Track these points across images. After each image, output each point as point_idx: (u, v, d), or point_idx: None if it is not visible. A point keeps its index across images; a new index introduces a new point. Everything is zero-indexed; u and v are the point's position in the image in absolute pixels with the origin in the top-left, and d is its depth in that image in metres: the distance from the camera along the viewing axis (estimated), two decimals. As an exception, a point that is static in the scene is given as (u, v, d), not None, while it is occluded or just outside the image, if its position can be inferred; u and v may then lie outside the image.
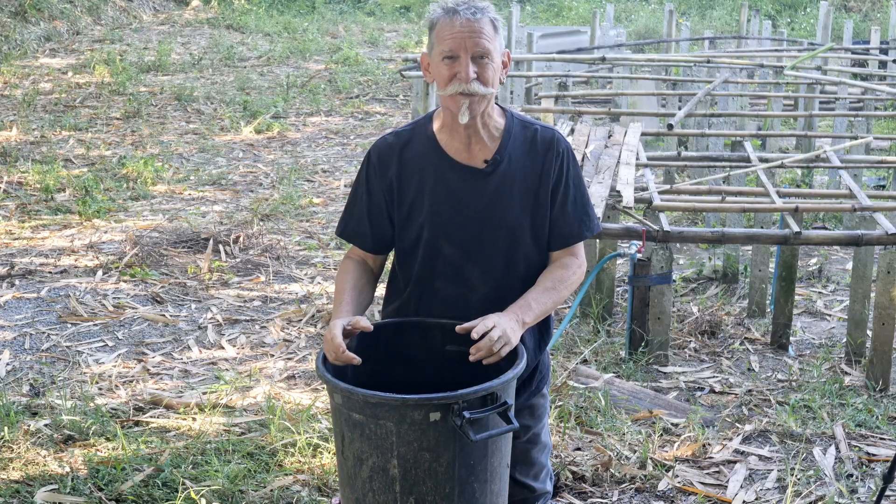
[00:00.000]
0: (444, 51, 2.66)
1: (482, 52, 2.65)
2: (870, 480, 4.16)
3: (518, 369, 2.56)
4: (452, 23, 2.65)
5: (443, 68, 2.67)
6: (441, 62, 2.67)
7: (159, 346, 5.64)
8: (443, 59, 2.67)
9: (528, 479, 3.02)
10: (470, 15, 2.64)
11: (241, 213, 8.27)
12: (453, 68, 2.66)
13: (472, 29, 2.64)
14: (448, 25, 2.65)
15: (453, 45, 2.65)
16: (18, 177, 8.96)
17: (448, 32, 2.65)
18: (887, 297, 5.20)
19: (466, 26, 2.64)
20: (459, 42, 2.64)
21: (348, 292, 2.81)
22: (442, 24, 2.67)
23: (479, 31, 2.64)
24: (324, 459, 4.17)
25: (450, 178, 2.77)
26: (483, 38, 2.65)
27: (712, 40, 13.74)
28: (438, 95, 2.74)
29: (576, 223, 2.82)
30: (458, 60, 2.65)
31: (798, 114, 8.31)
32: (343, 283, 2.85)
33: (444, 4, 2.69)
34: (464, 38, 2.64)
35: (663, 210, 5.61)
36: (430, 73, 2.75)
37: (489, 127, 2.77)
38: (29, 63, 14.79)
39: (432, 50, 2.72)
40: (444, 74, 2.67)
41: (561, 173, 2.79)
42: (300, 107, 12.99)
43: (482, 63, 2.66)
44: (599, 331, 5.91)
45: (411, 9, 22.59)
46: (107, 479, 3.97)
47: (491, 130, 2.78)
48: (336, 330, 2.62)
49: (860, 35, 15.76)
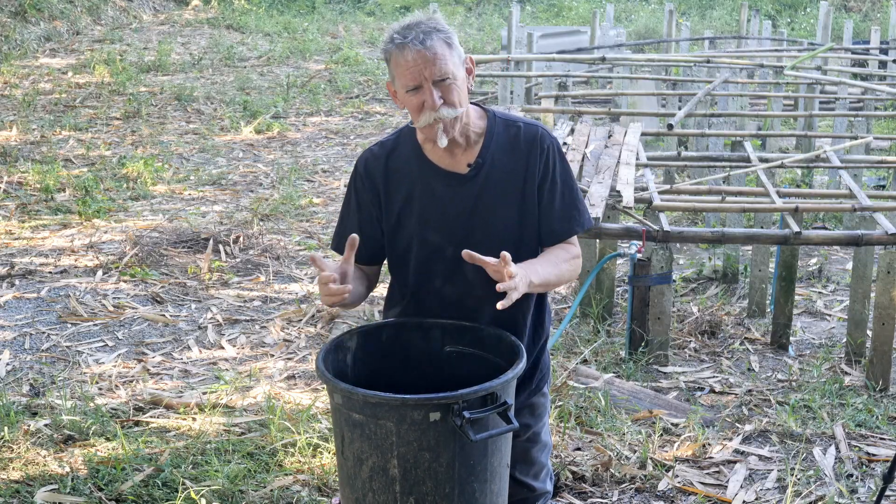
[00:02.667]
0: (405, 84, 2.68)
1: (441, 76, 2.65)
2: (870, 480, 4.16)
3: (518, 369, 2.57)
4: (405, 56, 2.64)
5: (409, 99, 2.69)
6: (405, 94, 2.69)
7: (159, 346, 5.64)
8: (406, 92, 2.69)
9: (528, 478, 3.02)
10: (419, 45, 2.63)
11: (241, 213, 8.27)
12: (419, 98, 2.67)
13: (424, 58, 2.63)
14: (402, 59, 2.65)
15: (412, 78, 2.65)
16: (18, 177, 8.96)
17: (403, 67, 2.65)
18: (887, 297, 5.20)
19: (419, 56, 2.63)
20: (417, 73, 2.64)
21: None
22: (395, 58, 2.67)
23: (433, 57, 2.63)
24: (324, 459, 4.17)
25: (435, 184, 2.79)
26: (439, 61, 2.64)
27: (712, 40, 13.74)
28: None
29: (565, 219, 2.82)
30: (422, 90, 2.66)
31: (798, 114, 8.31)
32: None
33: (392, 36, 2.68)
34: (419, 69, 2.64)
35: (663, 210, 5.61)
36: (399, 101, 2.77)
37: (468, 134, 2.78)
38: (29, 63, 14.80)
39: (394, 81, 2.73)
40: (412, 104, 2.69)
41: (547, 170, 2.79)
42: (300, 107, 12.99)
43: (445, 86, 2.66)
44: (599, 331, 5.91)
45: (411, 9, 22.57)
46: (107, 479, 3.98)
47: (470, 136, 2.79)
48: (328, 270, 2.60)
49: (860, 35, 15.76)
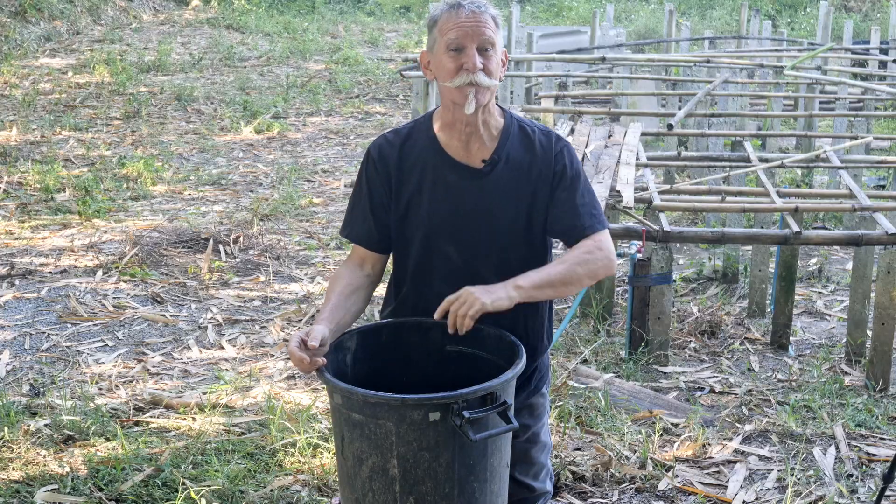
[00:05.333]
0: (449, 42, 2.69)
1: (487, 43, 2.69)
2: (870, 480, 4.16)
3: (518, 369, 2.56)
4: (458, 15, 2.69)
5: (448, 61, 2.69)
6: (446, 54, 2.69)
7: (159, 346, 5.64)
8: (448, 52, 2.69)
9: (528, 478, 3.01)
10: (475, 8, 2.69)
11: (241, 213, 8.27)
12: (459, 60, 2.68)
13: (476, 20, 2.68)
14: (453, 18, 2.69)
15: (459, 36, 2.68)
16: (18, 177, 8.96)
17: (453, 24, 2.69)
18: (887, 297, 5.20)
19: (471, 18, 2.68)
20: (465, 33, 2.68)
21: (335, 297, 2.79)
22: (446, 18, 2.71)
23: (484, 22, 2.69)
24: (324, 459, 4.17)
25: (448, 176, 2.78)
26: (489, 30, 2.69)
27: (712, 40, 13.75)
28: (442, 89, 2.74)
29: (587, 215, 2.79)
30: (465, 51, 2.68)
31: (798, 114, 8.32)
32: (332, 289, 2.83)
33: (447, 1, 2.73)
34: (470, 29, 2.68)
35: (663, 210, 5.61)
36: (430, 71, 2.76)
37: (489, 125, 2.78)
38: (29, 63, 14.79)
39: (434, 45, 2.74)
40: (449, 67, 2.69)
41: (564, 170, 2.79)
42: (300, 107, 12.99)
43: (487, 54, 2.69)
44: (599, 331, 5.91)
45: (411, 9, 22.59)
46: (107, 479, 3.97)
47: (491, 129, 2.78)
48: (292, 344, 2.58)
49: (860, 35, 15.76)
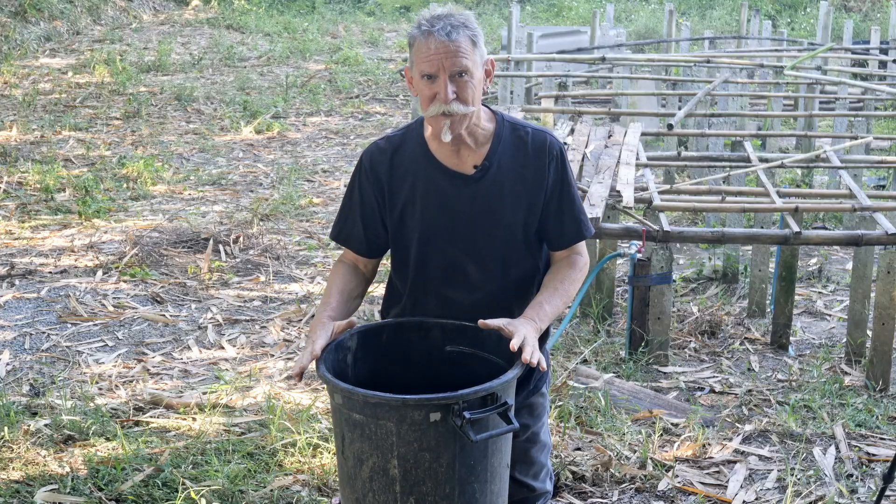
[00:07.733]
0: (422, 70, 2.67)
1: (459, 70, 2.64)
2: (870, 480, 4.16)
3: (518, 369, 2.56)
4: (428, 44, 2.64)
5: (423, 87, 2.68)
6: (420, 80, 2.68)
7: (159, 346, 5.64)
8: (422, 78, 2.68)
9: (528, 478, 3.02)
10: (444, 37, 2.62)
11: (241, 213, 8.26)
12: (432, 88, 2.66)
13: (447, 49, 2.62)
14: (424, 46, 2.65)
15: (430, 66, 2.65)
16: (18, 177, 8.96)
17: (424, 53, 2.65)
18: (887, 297, 5.20)
19: (441, 48, 2.62)
20: (436, 63, 2.64)
21: (335, 296, 2.85)
22: (419, 44, 2.67)
23: (456, 50, 2.63)
24: (324, 459, 4.17)
25: (440, 183, 2.78)
26: (460, 55, 2.63)
27: (712, 40, 13.75)
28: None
29: (575, 223, 2.87)
30: (437, 80, 2.65)
31: (798, 114, 8.32)
32: (331, 286, 2.87)
33: (420, 22, 2.68)
34: (440, 59, 2.63)
35: (663, 210, 5.61)
36: (413, 88, 2.76)
37: (476, 134, 2.77)
38: (29, 63, 14.79)
39: (413, 67, 2.73)
40: (424, 94, 2.68)
41: (557, 176, 2.80)
42: (300, 107, 12.99)
43: (461, 81, 2.65)
44: (599, 331, 5.91)
45: (411, 9, 22.58)
46: (107, 479, 3.97)
47: (478, 137, 2.78)
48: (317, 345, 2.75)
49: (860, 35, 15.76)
